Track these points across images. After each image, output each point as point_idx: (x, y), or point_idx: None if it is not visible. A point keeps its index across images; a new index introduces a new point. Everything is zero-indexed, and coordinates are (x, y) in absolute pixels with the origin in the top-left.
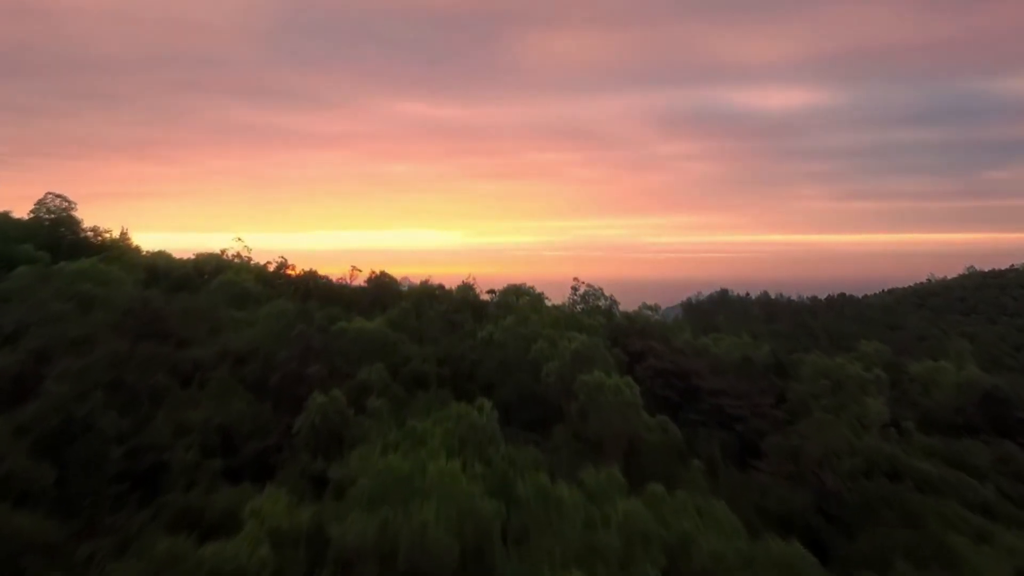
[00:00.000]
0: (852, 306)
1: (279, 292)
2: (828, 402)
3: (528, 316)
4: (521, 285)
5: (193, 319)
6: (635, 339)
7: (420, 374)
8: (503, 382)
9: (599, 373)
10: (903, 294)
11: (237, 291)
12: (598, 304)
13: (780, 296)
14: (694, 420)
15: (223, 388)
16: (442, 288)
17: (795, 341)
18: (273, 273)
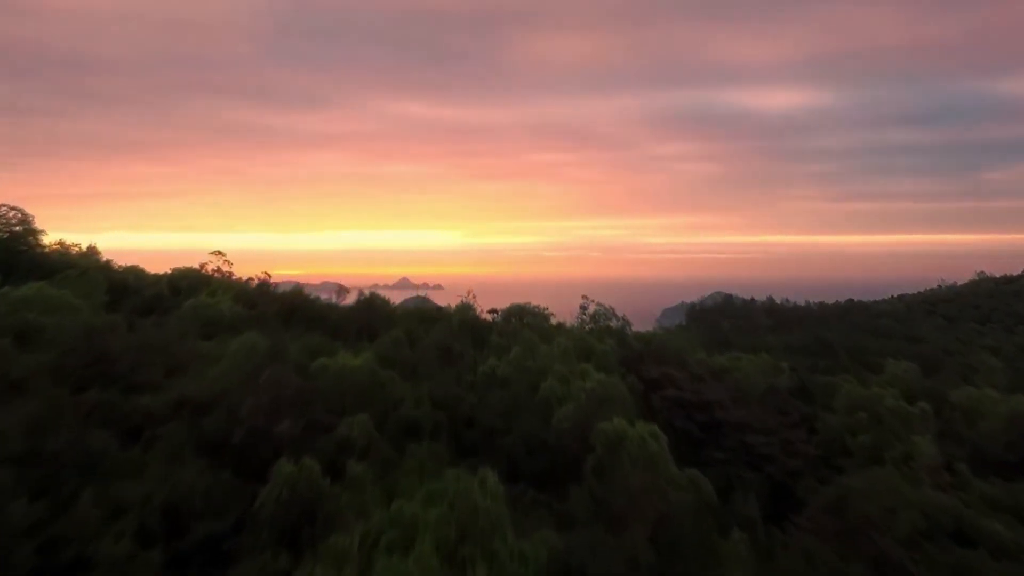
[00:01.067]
0: (863, 313)
1: (259, 315)
2: (867, 439)
3: (535, 346)
4: (526, 305)
5: (150, 356)
6: (651, 365)
7: (412, 422)
8: (508, 428)
9: (620, 421)
10: (913, 300)
11: (211, 315)
12: (609, 324)
13: (786, 301)
14: (718, 459)
15: (174, 449)
16: (439, 310)
17: (813, 357)
18: (256, 290)
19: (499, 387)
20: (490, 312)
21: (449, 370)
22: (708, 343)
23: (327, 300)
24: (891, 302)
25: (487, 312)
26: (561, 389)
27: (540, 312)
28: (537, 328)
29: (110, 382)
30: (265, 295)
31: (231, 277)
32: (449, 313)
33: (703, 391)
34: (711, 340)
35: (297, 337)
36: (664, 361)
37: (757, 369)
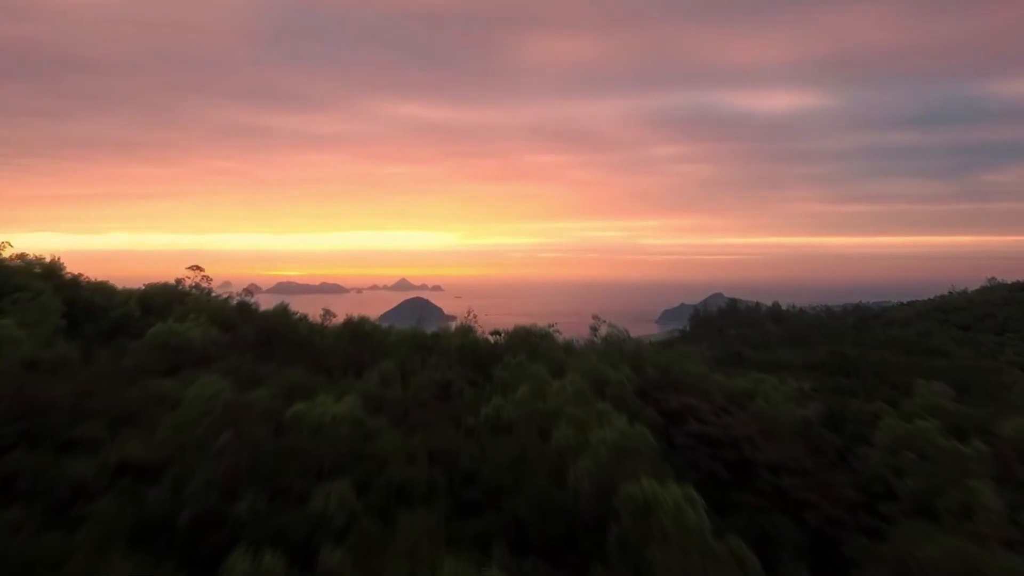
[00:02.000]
0: (874, 321)
1: (235, 342)
2: (916, 482)
3: (545, 383)
4: (532, 326)
5: (95, 402)
6: (670, 395)
7: (403, 484)
8: (515, 485)
9: (649, 483)
10: (924, 308)
11: (179, 344)
12: (622, 345)
13: (792, 306)
14: (750, 504)
15: (105, 533)
16: (435, 335)
17: (834, 376)
18: (236, 310)
19: (504, 434)
20: (493, 335)
21: (447, 411)
22: (721, 358)
23: (314, 320)
24: (900, 309)
25: (490, 334)
26: (576, 437)
27: (547, 333)
28: (546, 355)
29: (41, 438)
30: (246, 315)
31: (210, 293)
32: (447, 337)
33: (729, 425)
34: (724, 355)
35: (276, 371)
36: (684, 389)
37: (782, 394)
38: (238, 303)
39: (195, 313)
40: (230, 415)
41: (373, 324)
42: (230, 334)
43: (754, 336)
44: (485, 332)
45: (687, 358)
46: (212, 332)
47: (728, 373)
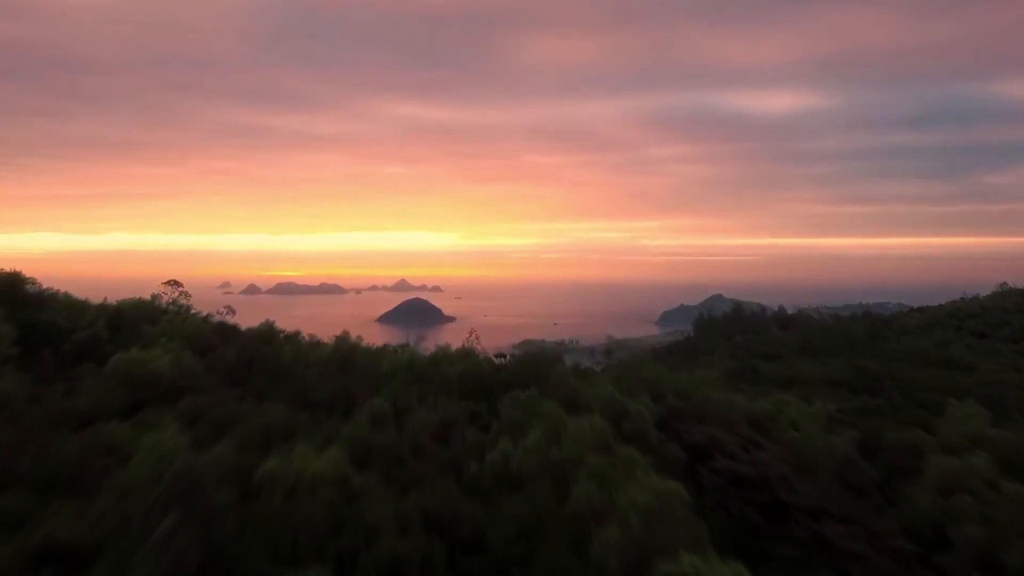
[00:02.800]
0: (887, 327)
1: (212, 371)
2: (976, 532)
3: (560, 423)
4: (540, 347)
5: (21, 462)
6: (693, 426)
7: (394, 560)
8: (528, 556)
9: (691, 560)
10: (937, 314)
11: (145, 376)
12: (639, 369)
13: (798, 311)
14: (788, 556)
15: None
16: (434, 363)
17: (856, 392)
18: (215, 331)
19: (514, 490)
20: (498, 357)
21: (447, 458)
22: (734, 371)
23: (300, 342)
24: (912, 315)
25: (495, 356)
26: (600, 497)
27: (556, 357)
28: (557, 384)
29: None
30: (227, 336)
31: (188, 311)
32: (447, 361)
33: (761, 461)
34: (736, 368)
35: (252, 409)
36: (707, 417)
37: (810, 419)
38: (217, 323)
39: (168, 336)
40: (179, 490)
41: (365, 350)
42: (207, 359)
43: (762, 344)
44: (488, 352)
45: (708, 383)
46: (185, 359)
47: (745, 391)
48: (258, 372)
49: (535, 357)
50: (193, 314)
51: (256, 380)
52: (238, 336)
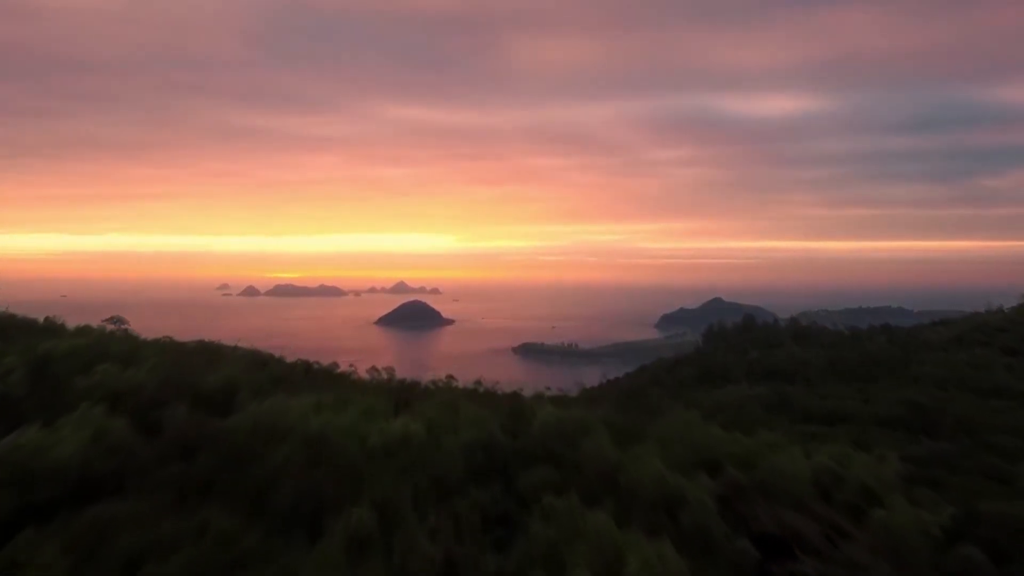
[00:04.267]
0: (910, 341)
1: (144, 454)
2: None
3: (617, 560)
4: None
5: None
6: (761, 507)
7: None
8: None
9: None
10: (962, 328)
11: (39, 473)
12: (690, 430)
13: (813, 323)
14: None
15: None
16: (435, 443)
17: (913, 433)
18: (165, 381)
19: None
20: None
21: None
22: (762, 398)
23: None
24: (936, 330)
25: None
26: None
27: (589, 421)
28: (594, 459)
29: None
30: (179, 392)
31: (136, 352)
32: (448, 432)
33: (853, 560)
34: (765, 395)
35: (184, 521)
36: (776, 494)
37: (885, 483)
38: (171, 366)
39: (91, 401)
40: None
41: (344, 432)
42: (142, 436)
43: (781, 360)
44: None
45: (775, 447)
46: (115, 431)
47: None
48: (205, 458)
49: (564, 423)
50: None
51: (200, 470)
52: (188, 392)
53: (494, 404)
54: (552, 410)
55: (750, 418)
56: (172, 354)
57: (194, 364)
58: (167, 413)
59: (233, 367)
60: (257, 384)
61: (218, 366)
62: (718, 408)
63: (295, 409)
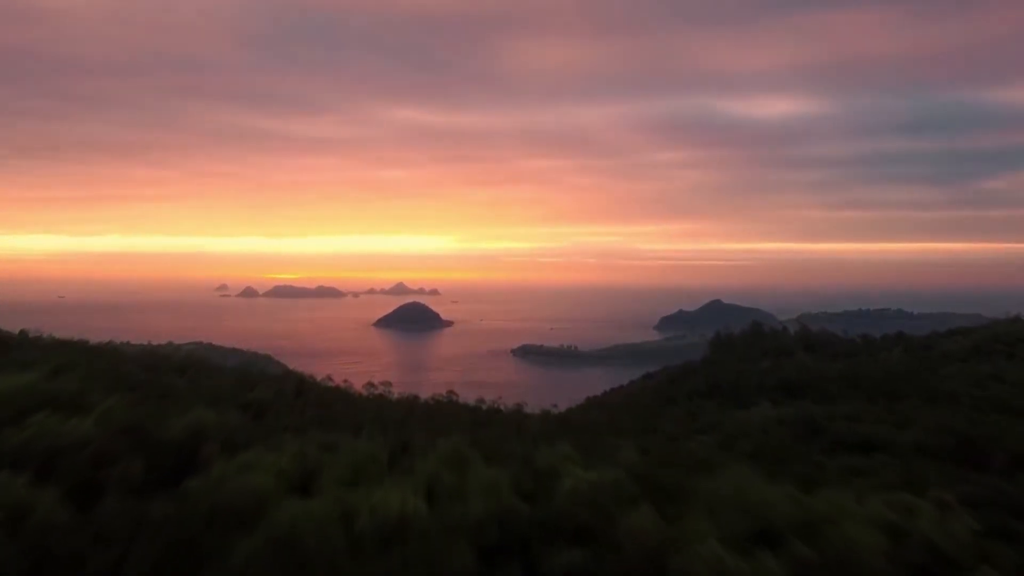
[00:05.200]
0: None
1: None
2: None
3: None
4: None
5: None
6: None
7: None
8: None
9: None
10: (981, 338)
11: None
12: (742, 499)
13: (823, 330)
14: None
15: None
16: (456, 502)
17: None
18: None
19: None
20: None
21: None
22: (787, 420)
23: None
24: (954, 339)
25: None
26: None
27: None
28: (635, 536)
29: None
30: (132, 440)
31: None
32: (458, 499)
33: None
34: (791, 418)
35: None
36: (847, 571)
37: (957, 542)
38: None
39: (16, 466)
40: None
41: (324, 517)
42: (76, 510)
43: (794, 372)
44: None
45: (840, 507)
46: (34, 517)
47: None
48: (149, 544)
49: (596, 490)
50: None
51: (141, 558)
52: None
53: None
54: (580, 473)
55: (778, 447)
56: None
57: (160, 403)
58: (115, 474)
59: (206, 412)
60: (230, 429)
61: (190, 401)
62: (741, 432)
63: (265, 485)
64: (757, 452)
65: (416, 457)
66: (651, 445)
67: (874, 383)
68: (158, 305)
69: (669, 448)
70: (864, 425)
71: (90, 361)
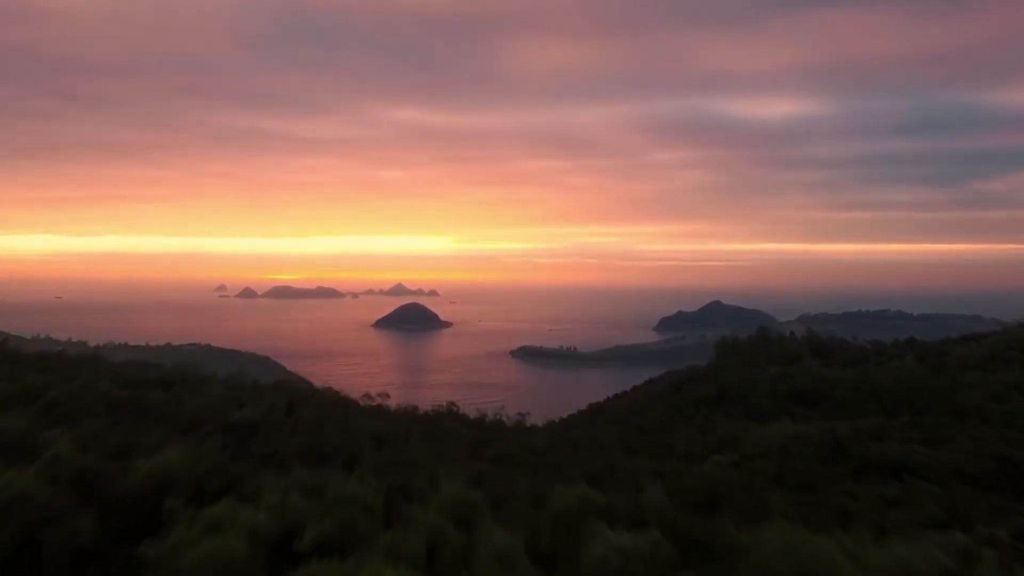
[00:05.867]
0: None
1: None
2: None
3: None
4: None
5: None
6: None
7: None
8: None
9: None
10: (996, 346)
11: None
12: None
13: (833, 337)
14: None
15: None
16: None
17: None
18: (77, 473)
19: None
20: None
21: None
22: (811, 440)
23: None
24: (968, 346)
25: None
26: None
27: None
28: None
29: None
30: (84, 493)
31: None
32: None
33: None
34: (816, 438)
35: None
36: None
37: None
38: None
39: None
40: None
41: None
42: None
43: (806, 381)
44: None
45: (905, 562)
46: None
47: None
48: None
49: (629, 559)
50: None
51: None
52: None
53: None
54: (610, 537)
55: (804, 471)
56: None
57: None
58: (59, 536)
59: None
60: (201, 473)
61: (167, 429)
62: (761, 452)
63: (236, 552)
64: (781, 476)
65: (416, 502)
66: (667, 469)
67: (891, 394)
68: (157, 306)
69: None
70: (891, 445)
71: (62, 380)
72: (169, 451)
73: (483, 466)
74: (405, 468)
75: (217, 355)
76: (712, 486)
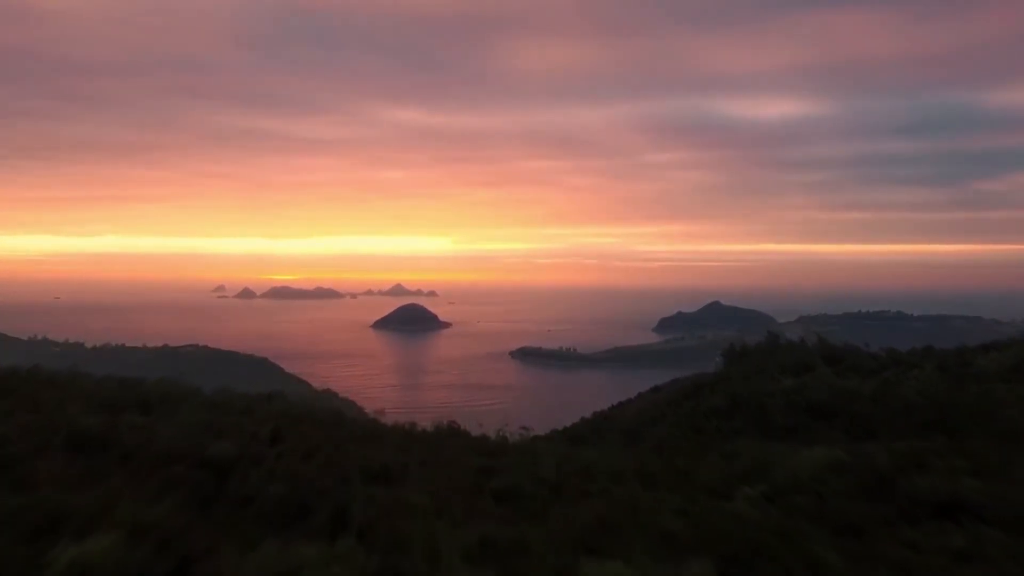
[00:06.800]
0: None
1: None
2: None
3: None
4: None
5: None
6: None
7: None
8: None
9: None
10: (1018, 355)
11: None
12: None
13: (847, 344)
14: None
15: None
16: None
17: None
18: None
19: None
20: None
21: None
22: (851, 468)
23: None
24: (986, 354)
25: None
26: None
27: None
28: None
29: None
30: None
31: None
32: None
33: None
34: (853, 465)
35: None
36: None
37: None
38: None
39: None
40: None
41: None
42: None
43: (822, 393)
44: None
45: None
46: None
47: (904, 537)
48: None
49: None
50: None
51: None
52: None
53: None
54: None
55: (848, 510)
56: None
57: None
58: None
59: (103, 539)
60: (138, 564)
61: (125, 479)
62: (792, 484)
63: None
64: (821, 516)
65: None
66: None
67: (917, 410)
68: (155, 306)
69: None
70: (939, 476)
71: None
72: (102, 535)
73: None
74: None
75: (215, 357)
76: (750, 533)
